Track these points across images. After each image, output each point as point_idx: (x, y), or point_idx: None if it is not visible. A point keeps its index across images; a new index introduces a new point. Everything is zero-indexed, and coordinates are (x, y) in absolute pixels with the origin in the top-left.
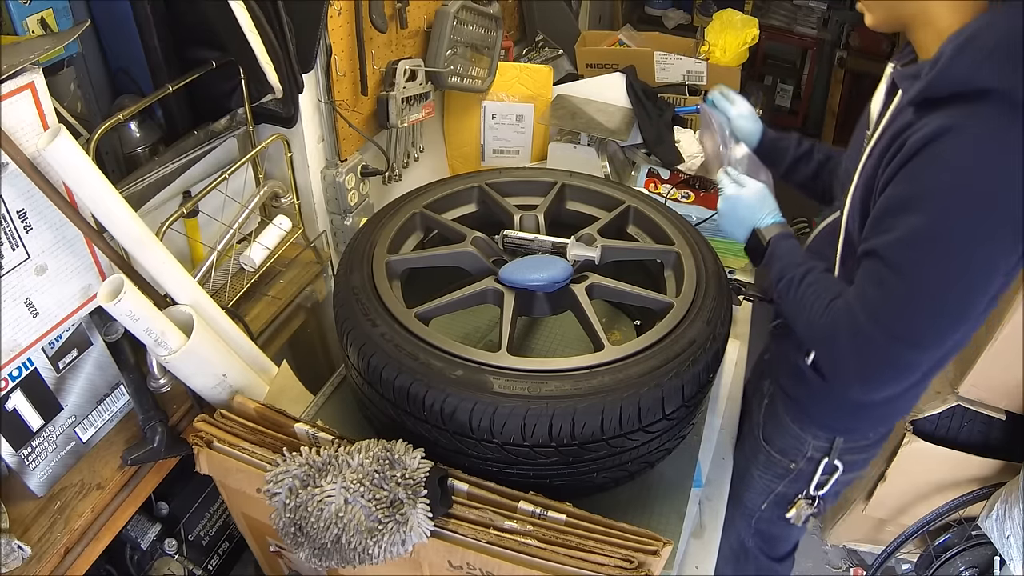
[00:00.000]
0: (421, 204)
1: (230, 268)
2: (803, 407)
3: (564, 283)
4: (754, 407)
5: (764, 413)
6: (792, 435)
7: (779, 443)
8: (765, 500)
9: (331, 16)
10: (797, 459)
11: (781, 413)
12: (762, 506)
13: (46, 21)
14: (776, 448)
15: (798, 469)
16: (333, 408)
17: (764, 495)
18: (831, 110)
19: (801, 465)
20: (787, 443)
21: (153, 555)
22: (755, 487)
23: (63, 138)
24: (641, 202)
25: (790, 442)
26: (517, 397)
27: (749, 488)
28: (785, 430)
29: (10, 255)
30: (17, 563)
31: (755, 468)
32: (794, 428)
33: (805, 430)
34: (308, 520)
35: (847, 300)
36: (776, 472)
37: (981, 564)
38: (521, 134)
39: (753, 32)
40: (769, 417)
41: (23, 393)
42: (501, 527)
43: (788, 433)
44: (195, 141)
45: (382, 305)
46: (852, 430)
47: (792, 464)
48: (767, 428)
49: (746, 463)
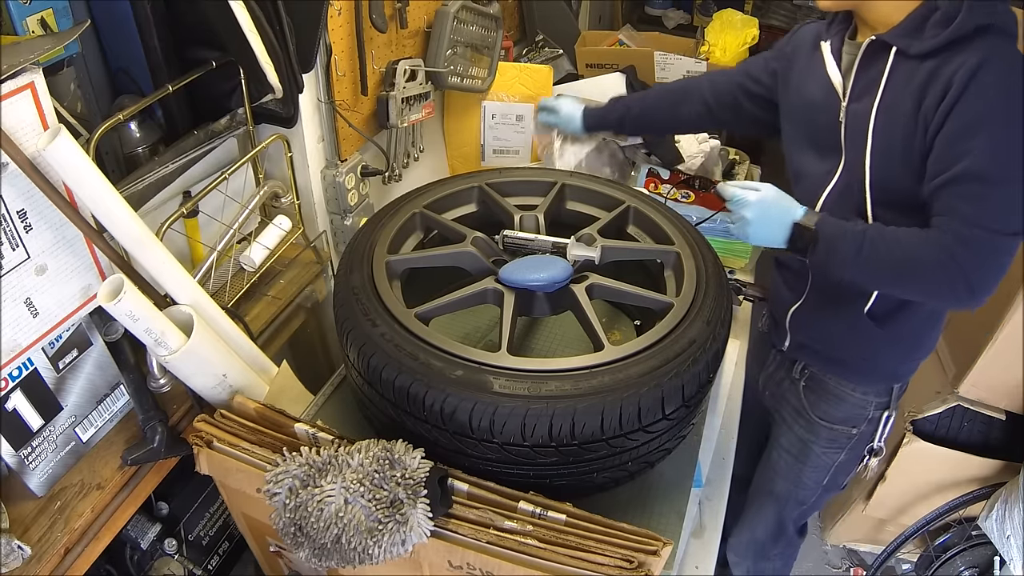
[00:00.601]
0: (421, 204)
1: (230, 268)
2: (859, 369)
3: (564, 283)
4: (789, 396)
5: (806, 395)
6: (851, 402)
7: (838, 414)
8: (827, 474)
9: (331, 16)
10: (859, 423)
11: (833, 387)
12: (824, 481)
13: (46, 21)
14: (836, 420)
15: (860, 432)
16: (333, 408)
17: (826, 470)
18: None
19: (863, 428)
20: (847, 412)
21: (153, 555)
22: (819, 463)
23: (63, 138)
24: (641, 202)
25: (850, 410)
26: (517, 397)
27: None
28: (843, 400)
29: (10, 255)
30: (17, 563)
31: (816, 446)
32: (855, 395)
33: (867, 392)
34: (308, 520)
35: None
36: (839, 443)
37: (981, 564)
38: (521, 134)
39: (753, 32)
40: (816, 396)
41: (23, 393)
42: (501, 527)
43: (847, 401)
44: (195, 141)
45: (382, 305)
46: (909, 370)
47: (854, 429)
48: (818, 407)
49: (803, 445)
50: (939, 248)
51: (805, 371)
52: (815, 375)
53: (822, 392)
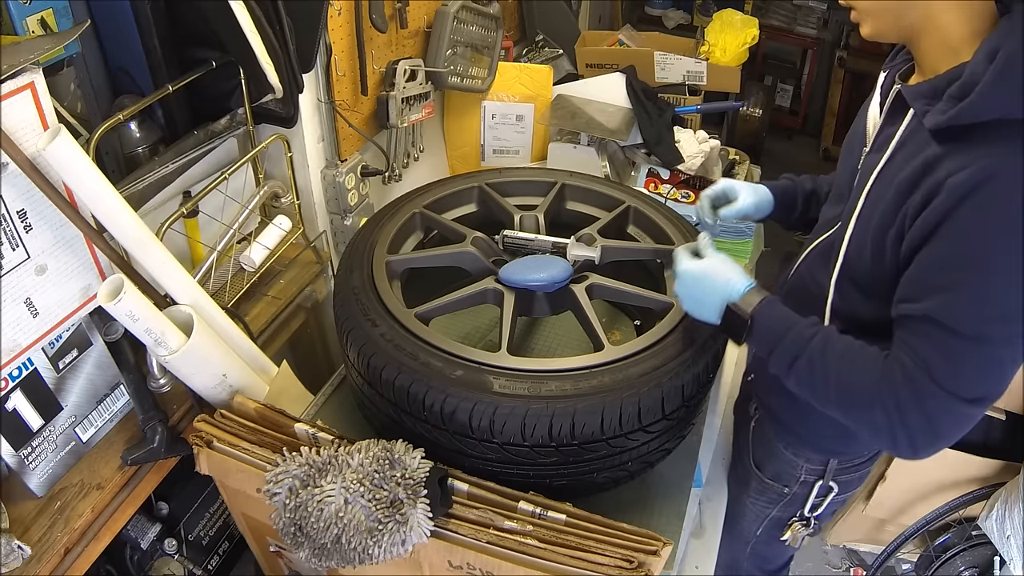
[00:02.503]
0: (421, 204)
1: (230, 268)
2: (793, 430)
3: (564, 283)
4: (741, 431)
5: (752, 437)
6: (784, 460)
7: (771, 468)
8: (759, 526)
9: (331, 16)
10: (790, 484)
11: (771, 438)
12: (757, 532)
13: (46, 21)
14: (768, 474)
15: (792, 493)
16: (333, 408)
17: (758, 521)
18: (831, 110)
19: (795, 489)
20: (779, 468)
21: (153, 555)
22: (748, 514)
23: (63, 138)
24: (641, 202)
25: (782, 467)
26: (517, 397)
27: (743, 515)
28: (776, 455)
29: (10, 255)
30: (17, 563)
31: (747, 496)
32: (786, 453)
33: (798, 454)
34: (308, 520)
35: (903, 366)
36: (769, 498)
37: (981, 564)
38: (521, 134)
39: (753, 32)
40: (758, 442)
41: (23, 393)
42: (501, 527)
43: (780, 458)
44: (195, 141)
45: (382, 305)
46: (846, 451)
47: (785, 489)
48: (757, 453)
49: (738, 490)
50: (887, 389)
51: (756, 411)
52: (762, 420)
53: (763, 441)
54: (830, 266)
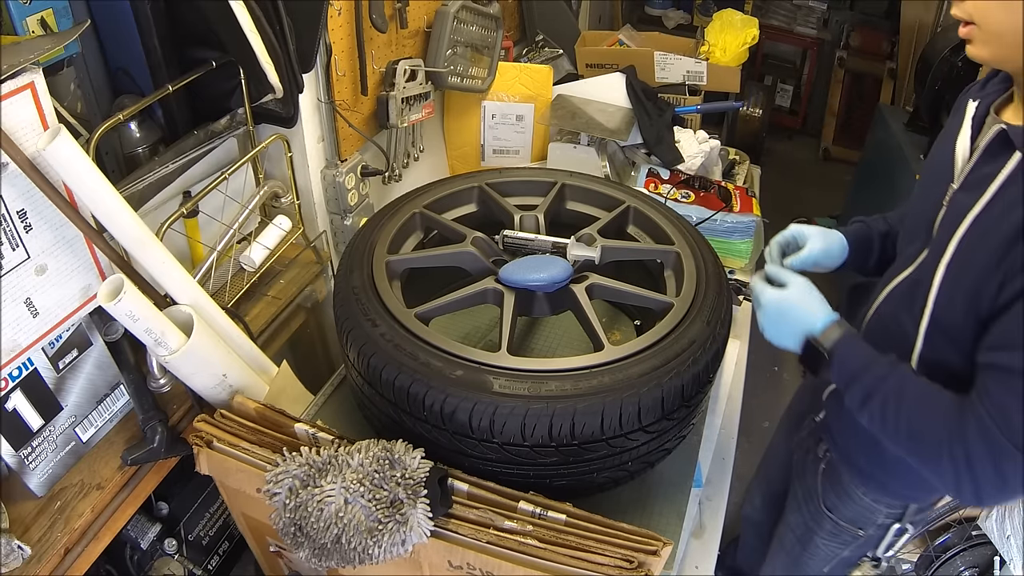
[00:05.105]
0: (421, 204)
1: (230, 268)
2: (872, 476)
3: (564, 283)
4: (807, 471)
5: (822, 480)
6: (862, 505)
7: (846, 512)
8: (830, 565)
9: (331, 16)
10: (866, 527)
11: (847, 482)
12: (825, 569)
13: (46, 21)
14: (843, 517)
15: (867, 536)
16: (333, 408)
17: (829, 561)
18: (831, 110)
19: (870, 532)
20: (856, 512)
21: (153, 555)
22: (819, 555)
23: (63, 138)
24: (641, 202)
25: (859, 512)
26: (517, 397)
27: (813, 555)
28: (853, 499)
29: (10, 255)
30: (17, 563)
31: (819, 536)
32: (865, 499)
33: (878, 500)
34: (308, 520)
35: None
36: (843, 540)
37: (981, 564)
38: (521, 134)
39: (753, 32)
40: (830, 484)
41: (23, 393)
42: (501, 527)
43: (857, 503)
44: (195, 141)
45: (382, 305)
46: (928, 498)
47: (860, 532)
48: (829, 497)
49: (807, 530)
50: (958, 438)
51: (827, 454)
52: (834, 463)
53: (836, 483)
54: (914, 310)
